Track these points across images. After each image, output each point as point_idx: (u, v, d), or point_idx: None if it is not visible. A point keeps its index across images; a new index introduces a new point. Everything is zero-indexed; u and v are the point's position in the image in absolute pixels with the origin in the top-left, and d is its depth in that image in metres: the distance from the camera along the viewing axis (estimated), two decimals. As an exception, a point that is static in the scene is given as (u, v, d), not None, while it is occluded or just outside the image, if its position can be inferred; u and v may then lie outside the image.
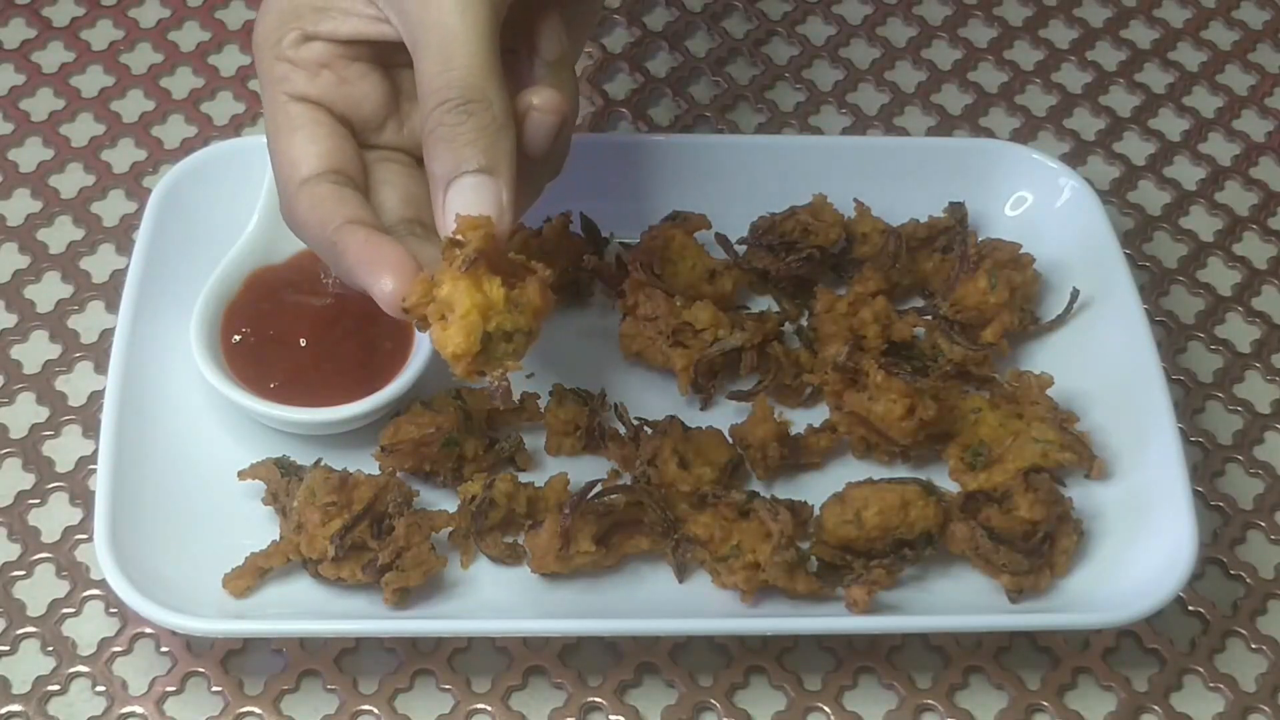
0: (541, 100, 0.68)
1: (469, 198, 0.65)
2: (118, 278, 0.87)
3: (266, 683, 0.76)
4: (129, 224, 0.91)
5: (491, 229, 0.64)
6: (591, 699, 0.76)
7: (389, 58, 0.71)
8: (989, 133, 0.98)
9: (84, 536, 0.80)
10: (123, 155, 0.95)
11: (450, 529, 0.77)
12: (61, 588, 0.79)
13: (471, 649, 0.77)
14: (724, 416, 0.82)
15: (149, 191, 0.86)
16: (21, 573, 0.79)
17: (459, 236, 0.64)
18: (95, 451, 0.78)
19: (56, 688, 0.76)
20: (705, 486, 0.77)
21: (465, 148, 0.65)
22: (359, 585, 0.75)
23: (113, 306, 0.86)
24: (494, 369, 0.65)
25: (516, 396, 0.81)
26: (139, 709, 0.75)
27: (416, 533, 0.75)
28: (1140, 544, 0.77)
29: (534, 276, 0.65)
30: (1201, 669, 0.78)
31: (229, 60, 1.00)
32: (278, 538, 0.76)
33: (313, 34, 0.70)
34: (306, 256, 0.82)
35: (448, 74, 0.65)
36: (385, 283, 0.65)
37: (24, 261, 0.90)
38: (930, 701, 0.77)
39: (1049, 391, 0.81)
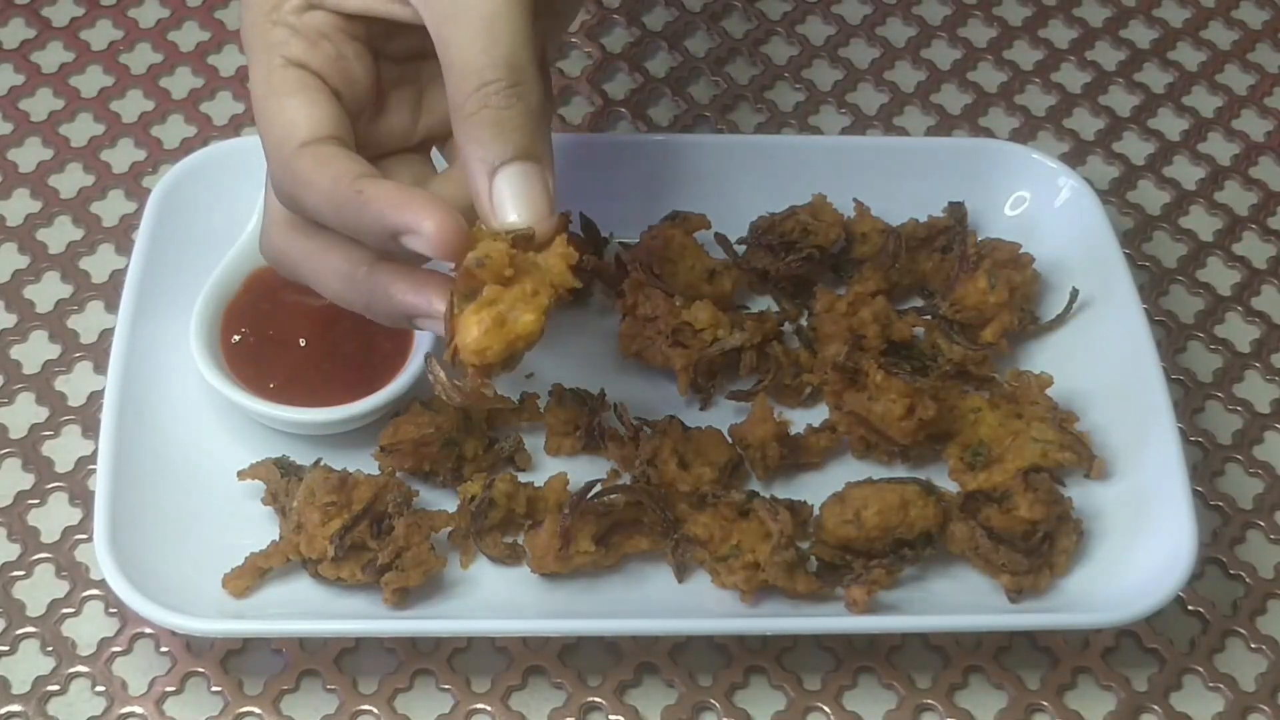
0: None
1: (519, 186, 0.63)
2: (117, 278, 0.87)
3: (266, 683, 0.76)
4: (129, 224, 0.91)
5: (573, 273, 0.63)
6: (591, 699, 0.76)
7: (382, 44, 0.69)
8: (988, 133, 0.98)
9: (84, 536, 0.80)
10: (122, 155, 0.95)
11: (450, 529, 0.77)
12: (61, 588, 0.79)
13: (471, 649, 0.77)
14: (724, 416, 0.82)
15: (149, 191, 0.86)
16: (21, 573, 0.79)
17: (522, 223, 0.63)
18: (95, 451, 0.78)
19: (56, 688, 0.76)
20: (705, 486, 0.77)
21: (514, 132, 0.63)
22: (359, 585, 0.75)
23: (112, 306, 0.86)
24: (481, 376, 0.64)
25: (516, 396, 0.81)
26: (139, 709, 0.75)
27: (416, 533, 0.75)
28: (1140, 544, 0.77)
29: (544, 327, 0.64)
30: (1201, 669, 0.78)
31: (229, 60, 1.00)
32: (277, 538, 0.76)
33: (318, 3, 0.68)
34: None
35: (492, 53, 0.63)
36: (427, 223, 0.62)
37: (24, 261, 0.90)
38: (930, 701, 0.77)
39: (1049, 391, 0.81)
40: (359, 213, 0.63)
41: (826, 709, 0.76)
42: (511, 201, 0.63)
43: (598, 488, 0.75)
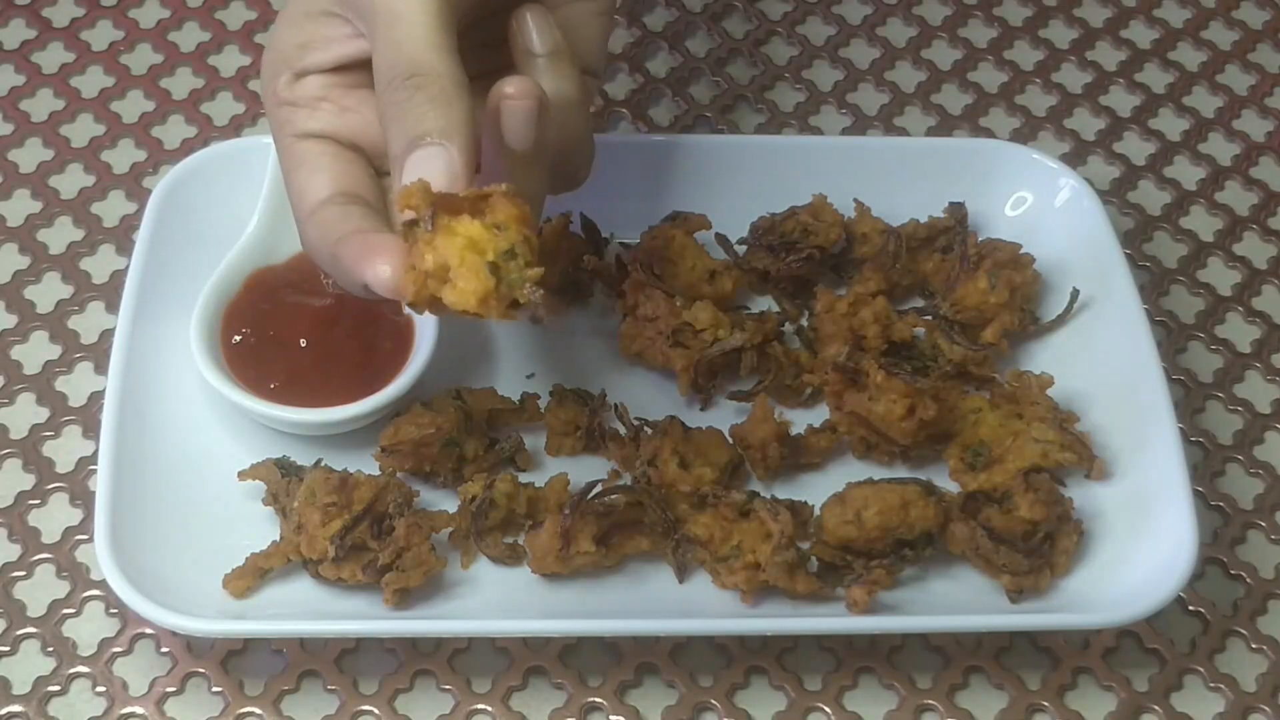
0: (514, 88, 0.66)
1: (421, 169, 0.63)
2: (118, 278, 0.87)
3: (267, 683, 0.76)
4: (129, 224, 0.91)
5: (427, 184, 0.62)
6: (592, 699, 0.76)
7: None
8: (989, 133, 0.98)
9: (84, 537, 0.80)
10: (123, 155, 0.95)
11: (450, 529, 0.77)
12: (61, 588, 0.79)
13: (471, 649, 0.77)
14: (724, 416, 0.82)
15: (149, 192, 0.86)
16: (22, 573, 0.79)
17: (408, 213, 0.62)
18: (95, 452, 0.78)
19: (57, 688, 0.76)
20: (705, 487, 0.77)
21: (416, 122, 0.64)
22: (359, 585, 0.75)
23: (113, 307, 0.86)
24: (520, 292, 0.63)
25: (516, 397, 0.82)
26: (139, 709, 0.75)
27: (417, 533, 0.75)
28: (1140, 544, 0.77)
29: (494, 194, 0.63)
30: (1201, 669, 0.78)
31: (229, 61, 1.00)
32: (278, 538, 0.76)
33: (301, 70, 0.71)
34: (306, 257, 0.82)
35: (394, 54, 0.65)
36: (381, 269, 0.63)
37: (24, 262, 0.90)
38: (930, 701, 0.77)
39: (1049, 391, 0.81)
40: (338, 274, 0.67)
41: (827, 709, 0.76)
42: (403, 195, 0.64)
43: (598, 488, 0.75)
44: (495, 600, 0.76)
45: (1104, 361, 0.83)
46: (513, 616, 0.76)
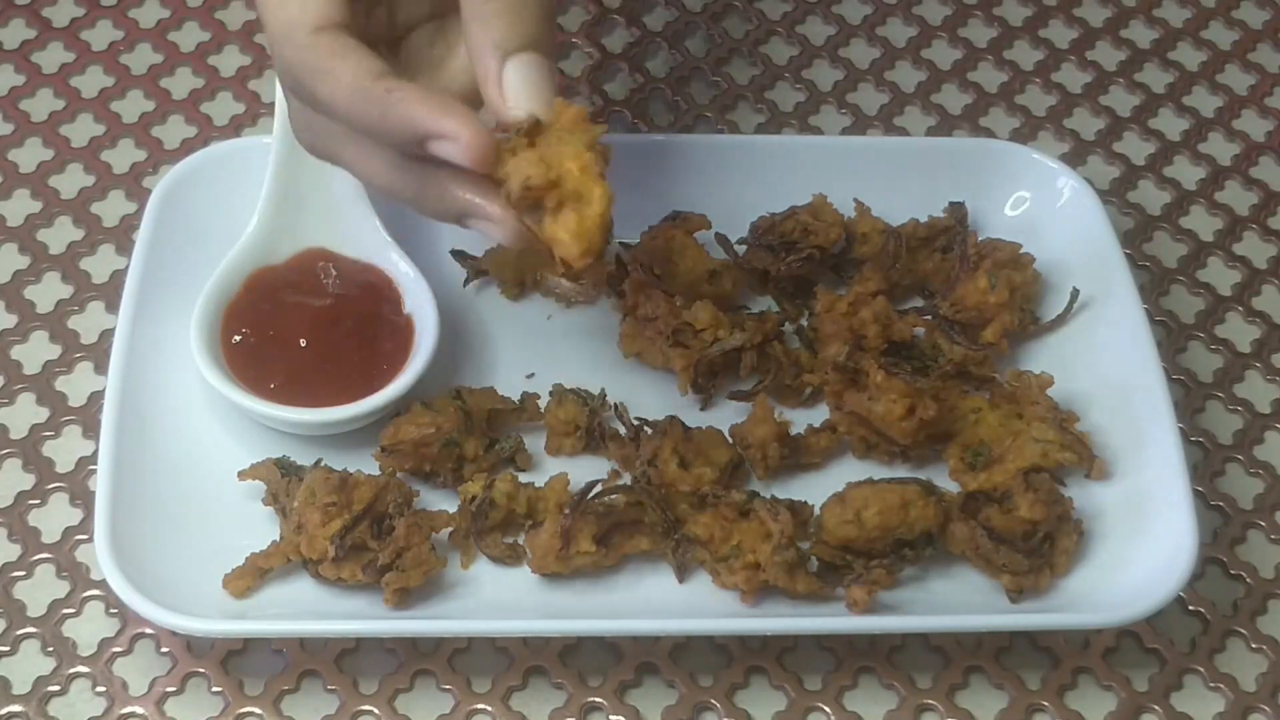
0: None
1: (530, 75, 0.63)
2: (118, 278, 0.87)
3: (267, 683, 0.76)
4: (129, 224, 0.91)
5: (595, 133, 0.62)
6: (592, 699, 0.76)
7: None
8: (989, 133, 0.98)
9: (84, 537, 0.80)
10: (123, 155, 0.95)
11: (450, 529, 0.77)
12: (61, 588, 0.79)
13: (471, 649, 0.77)
14: (724, 416, 0.82)
15: (149, 192, 0.86)
16: (21, 573, 0.79)
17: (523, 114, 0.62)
18: (95, 452, 0.78)
19: (56, 688, 0.76)
20: (705, 486, 0.77)
21: (529, 21, 0.63)
22: (359, 585, 0.75)
23: (113, 307, 0.86)
24: (597, 264, 0.64)
25: (516, 397, 0.82)
26: (139, 709, 0.75)
27: (416, 533, 0.75)
28: (1140, 544, 0.77)
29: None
30: (1201, 669, 0.78)
31: (229, 61, 1.00)
32: (278, 538, 0.76)
33: None
34: (307, 257, 0.83)
35: None
36: (465, 133, 0.62)
37: (24, 262, 0.90)
38: (930, 701, 0.77)
39: (1049, 391, 0.81)
40: (385, 112, 0.63)
41: (827, 709, 0.76)
42: (524, 92, 0.63)
43: (598, 488, 0.75)
44: (495, 600, 0.76)
45: (1104, 361, 0.83)
46: (513, 616, 0.76)
